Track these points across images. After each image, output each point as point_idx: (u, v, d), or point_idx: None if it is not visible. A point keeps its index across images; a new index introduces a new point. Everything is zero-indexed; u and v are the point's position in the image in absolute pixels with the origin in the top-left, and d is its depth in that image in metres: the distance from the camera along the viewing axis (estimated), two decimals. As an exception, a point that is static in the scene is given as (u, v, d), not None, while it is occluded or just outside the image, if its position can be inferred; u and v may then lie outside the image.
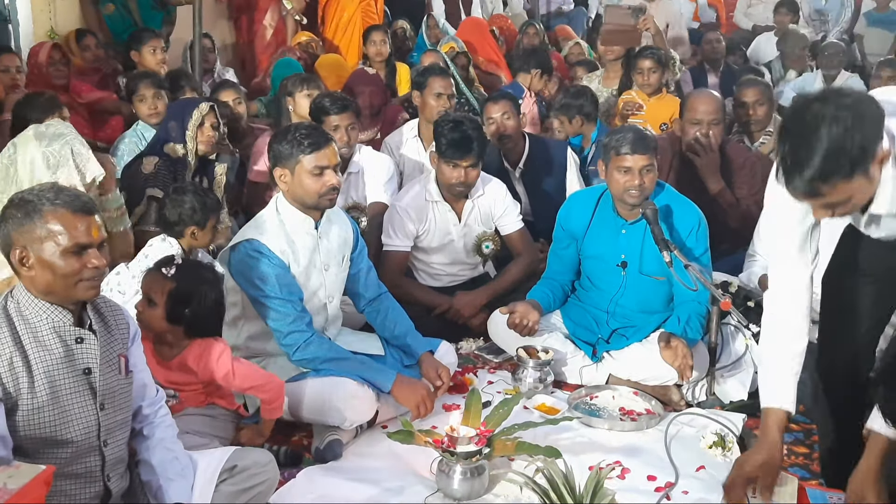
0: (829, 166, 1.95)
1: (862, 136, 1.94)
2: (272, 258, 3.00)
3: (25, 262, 2.02)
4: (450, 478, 2.67)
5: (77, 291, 2.05)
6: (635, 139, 3.33)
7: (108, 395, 2.11)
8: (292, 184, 3.04)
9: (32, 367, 1.99)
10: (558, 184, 4.47)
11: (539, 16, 9.42)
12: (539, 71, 5.67)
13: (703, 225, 3.45)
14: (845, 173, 1.96)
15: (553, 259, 3.72)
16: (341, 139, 4.00)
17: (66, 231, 2.01)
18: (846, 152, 1.93)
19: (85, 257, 2.03)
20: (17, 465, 1.79)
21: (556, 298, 3.64)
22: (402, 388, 3.02)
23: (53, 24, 5.49)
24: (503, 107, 4.45)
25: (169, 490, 2.23)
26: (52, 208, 2.01)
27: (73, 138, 3.13)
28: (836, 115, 1.93)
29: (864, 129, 1.95)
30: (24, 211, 2.02)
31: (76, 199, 2.06)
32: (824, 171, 1.95)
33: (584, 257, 3.60)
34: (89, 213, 2.06)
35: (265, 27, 6.80)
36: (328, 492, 2.72)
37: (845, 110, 1.94)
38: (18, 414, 1.97)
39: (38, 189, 2.08)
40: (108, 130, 4.98)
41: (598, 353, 3.44)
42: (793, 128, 2.00)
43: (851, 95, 1.99)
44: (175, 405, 2.72)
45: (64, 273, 2.01)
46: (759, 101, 4.65)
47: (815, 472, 2.88)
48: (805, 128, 1.96)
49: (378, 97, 5.36)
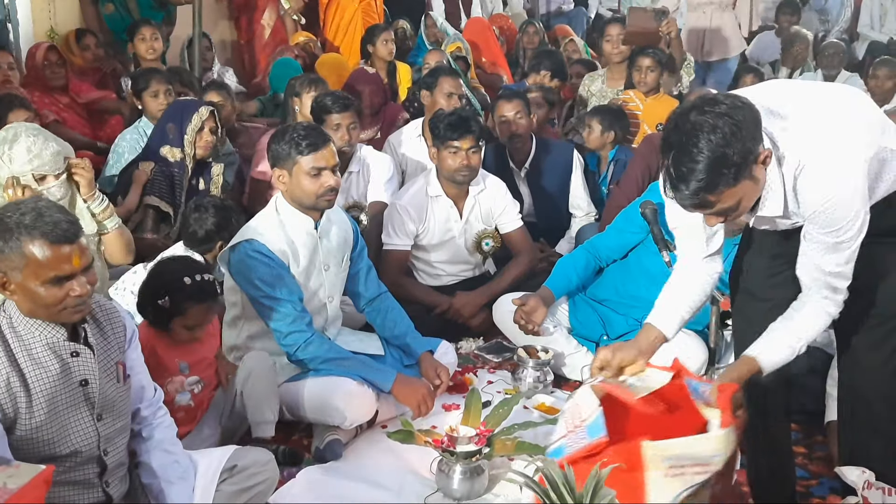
0: (713, 177, 1.94)
1: (741, 142, 1.93)
2: (272, 258, 3.00)
3: (7, 286, 1.94)
4: (449, 478, 2.68)
5: (61, 317, 1.97)
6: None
7: (107, 405, 2.08)
8: (290, 184, 3.04)
9: (29, 385, 1.95)
10: (562, 185, 4.47)
11: (539, 15, 9.42)
12: (549, 73, 5.60)
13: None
14: (730, 181, 1.95)
15: (613, 235, 3.63)
16: (342, 138, 4.00)
17: (45, 263, 1.89)
18: (728, 160, 1.93)
19: (67, 285, 1.93)
20: (17, 465, 1.78)
21: (585, 275, 3.60)
22: (402, 387, 3.02)
23: (53, 23, 5.49)
24: (516, 105, 4.44)
25: (170, 493, 2.22)
26: (29, 238, 1.89)
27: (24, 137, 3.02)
28: (714, 123, 1.93)
29: (743, 135, 1.94)
30: (2, 237, 1.90)
31: (55, 227, 1.91)
32: (709, 182, 1.95)
33: (652, 253, 3.41)
34: (69, 241, 1.92)
35: (263, 27, 6.81)
36: (328, 492, 2.72)
37: (722, 118, 1.93)
38: (17, 432, 1.94)
39: (17, 210, 1.93)
40: (108, 130, 4.99)
41: (601, 350, 3.43)
42: (673, 140, 1.99)
43: (726, 102, 1.98)
44: (202, 393, 2.79)
45: (45, 303, 1.93)
46: None
47: (813, 472, 2.89)
48: (685, 139, 1.95)
49: (378, 96, 5.36)
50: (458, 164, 3.78)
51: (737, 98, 2.01)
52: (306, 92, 4.59)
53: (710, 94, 2.05)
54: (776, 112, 2.09)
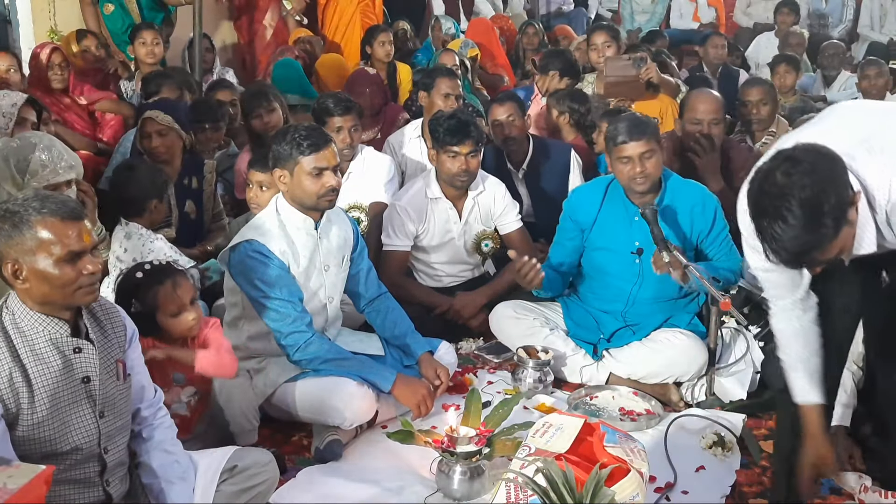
0: (815, 236, 1.93)
1: (833, 195, 1.92)
2: (272, 259, 3.00)
3: (19, 274, 1.97)
4: (450, 478, 2.68)
5: (75, 298, 2.02)
6: (630, 126, 3.33)
7: (108, 402, 2.09)
8: (291, 185, 3.04)
9: (32, 381, 1.96)
10: (561, 186, 4.46)
11: (539, 16, 9.43)
12: (558, 73, 5.53)
13: (709, 202, 3.46)
14: (831, 234, 1.94)
15: (556, 250, 3.67)
16: (344, 141, 4.00)
17: (57, 240, 1.96)
18: (825, 216, 1.91)
19: (80, 264, 1.98)
20: (17, 465, 1.79)
21: (555, 282, 3.59)
22: (402, 387, 3.02)
23: (53, 24, 5.50)
24: (508, 108, 4.44)
25: (170, 493, 2.22)
26: (40, 217, 1.95)
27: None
28: (802, 183, 1.91)
29: (833, 186, 1.93)
30: (12, 223, 1.96)
31: (63, 205, 2.00)
32: (813, 242, 1.94)
33: (594, 249, 3.56)
34: (78, 218, 2.01)
35: (265, 27, 6.81)
36: (328, 492, 2.72)
37: (808, 176, 1.92)
38: (18, 428, 1.95)
39: (21, 199, 2.02)
40: (109, 131, 4.99)
41: (599, 352, 3.44)
42: (765, 206, 1.98)
43: (807, 158, 1.96)
44: (198, 403, 2.77)
45: (61, 283, 1.97)
46: (763, 100, 4.66)
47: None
48: (777, 204, 1.94)
49: (378, 97, 5.36)
50: (456, 168, 3.78)
51: (816, 151, 1.99)
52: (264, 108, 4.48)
53: (789, 151, 2.02)
54: (852, 153, 2.05)
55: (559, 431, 2.41)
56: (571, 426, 2.42)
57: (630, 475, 2.21)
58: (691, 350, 3.32)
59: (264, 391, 3.02)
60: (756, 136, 4.69)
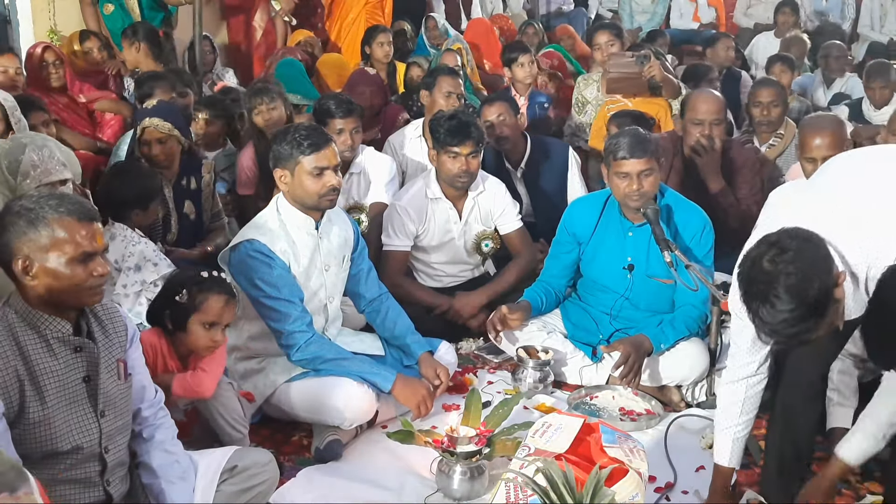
0: (806, 321, 2.02)
1: (818, 279, 2.00)
2: (273, 258, 3.00)
3: (29, 270, 1.98)
4: (450, 478, 2.68)
5: (82, 299, 2.04)
6: (632, 143, 3.31)
7: (109, 402, 2.10)
8: (292, 184, 3.04)
9: (33, 379, 1.97)
10: (560, 184, 4.47)
11: (539, 16, 9.42)
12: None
13: (707, 229, 3.45)
14: (822, 315, 2.03)
15: (551, 262, 3.70)
16: (345, 142, 4.00)
17: (71, 240, 1.97)
18: (812, 300, 2.00)
19: (90, 265, 2.00)
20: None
21: (549, 302, 3.63)
22: (402, 387, 3.02)
23: (53, 24, 5.50)
24: (498, 108, 4.44)
25: (171, 493, 2.22)
26: (56, 216, 1.97)
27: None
28: (787, 271, 2.00)
29: (817, 272, 2.01)
30: (27, 219, 1.97)
31: (80, 206, 2.03)
32: (802, 325, 2.03)
33: (589, 260, 3.58)
34: (94, 219, 2.03)
35: (255, 28, 6.81)
36: (328, 492, 2.73)
37: (792, 264, 2.00)
38: (20, 427, 1.95)
39: (37, 196, 2.04)
40: (109, 130, 4.99)
41: (598, 354, 3.44)
42: (754, 292, 2.07)
43: (791, 247, 2.03)
44: (195, 410, 2.75)
45: (70, 282, 1.99)
46: (774, 102, 4.64)
47: (815, 472, 2.88)
48: (764, 290, 2.02)
49: (378, 97, 5.36)
50: (457, 169, 3.78)
51: (800, 237, 2.06)
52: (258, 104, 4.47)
53: (774, 237, 2.09)
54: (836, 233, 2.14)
55: (559, 431, 2.41)
56: (571, 426, 2.42)
57: (630, 475, 2.21)
58: (694, 356, 3.32)
59: (264, 391, 3.03)
60: (763, 138, 4.68)
